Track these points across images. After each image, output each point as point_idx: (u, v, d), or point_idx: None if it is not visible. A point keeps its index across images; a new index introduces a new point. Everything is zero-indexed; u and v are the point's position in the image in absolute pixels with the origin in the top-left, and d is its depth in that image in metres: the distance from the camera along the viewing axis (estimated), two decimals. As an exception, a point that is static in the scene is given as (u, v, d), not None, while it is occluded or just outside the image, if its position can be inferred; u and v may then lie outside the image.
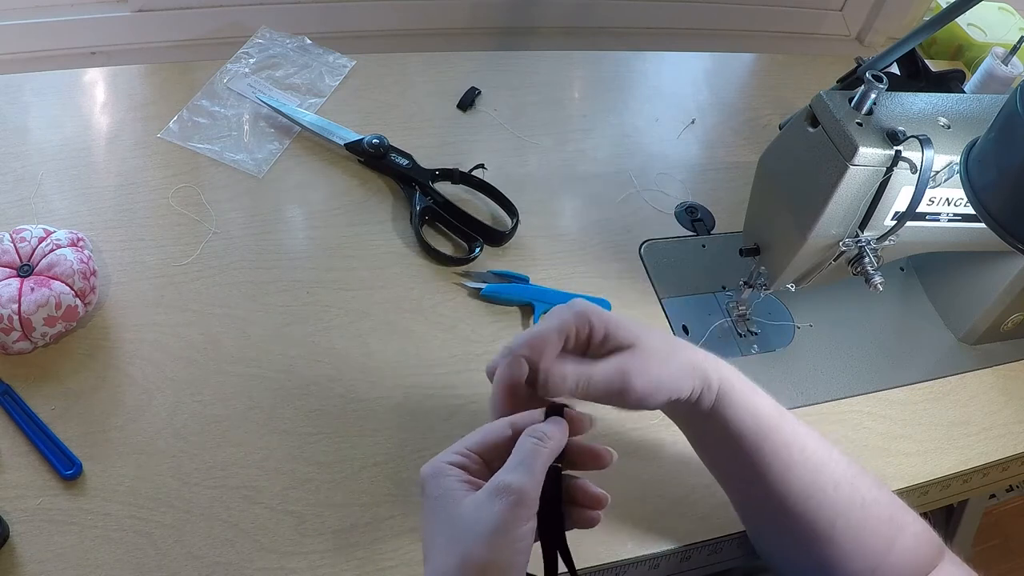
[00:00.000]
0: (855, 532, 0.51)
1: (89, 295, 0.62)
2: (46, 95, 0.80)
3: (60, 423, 0.57)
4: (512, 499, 0.40)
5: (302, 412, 0.62)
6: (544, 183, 0.83)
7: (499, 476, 0.41)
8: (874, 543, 0.52)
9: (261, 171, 0.77)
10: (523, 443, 0.43)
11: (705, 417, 0.50)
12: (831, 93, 0.59)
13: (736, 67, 1.05)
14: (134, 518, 0.54)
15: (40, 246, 0.62)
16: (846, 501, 0.51)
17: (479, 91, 0.89)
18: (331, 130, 0.80)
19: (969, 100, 0.63)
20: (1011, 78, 0.90)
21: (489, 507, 0.40)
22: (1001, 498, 1.33)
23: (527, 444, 0.43)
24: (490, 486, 0.41)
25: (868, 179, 0.58)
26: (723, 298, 0.76)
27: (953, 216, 0.63)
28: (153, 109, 0.80)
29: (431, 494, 0.43)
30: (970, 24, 1.12)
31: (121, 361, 0.62)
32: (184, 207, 0.73)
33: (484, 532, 0.39)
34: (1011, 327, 0.75)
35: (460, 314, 0.70)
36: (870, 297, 0.68)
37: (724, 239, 0.81)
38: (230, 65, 0.87)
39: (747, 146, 0.92)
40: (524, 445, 0.43)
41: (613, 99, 0.95)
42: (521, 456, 0.42)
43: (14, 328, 0.58)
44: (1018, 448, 0.70)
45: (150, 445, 0.58)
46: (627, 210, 0.82)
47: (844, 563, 0.52)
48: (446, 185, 0.79)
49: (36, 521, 0.53)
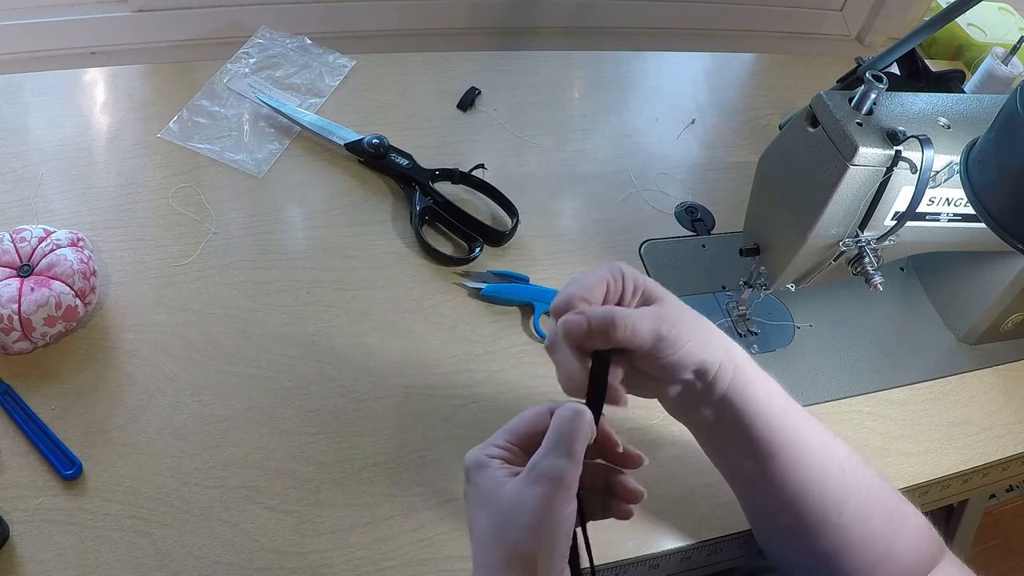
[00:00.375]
0: (863, 518, 0.51)
1: (89, 295, 0.62)
2: (46, 95, 0.80)
3: (60, 423, 0.57)
4: (553, 484, 0.40)
5: (302, 412, 0.62)
6: (544, 183, 0.83)
7: (537, 459, 0.41)
8: (881, 531, 0.52)
9: (261, 171, 0.77)
10: (560, 421, 0.42)
11: (718, 401, 0.50)
12: (831, 93, 0.59)
13: (736, 67, 1.05)
14: (134, 518, 0.54)
15: (40, 246, 0.62)
16: (855, 485, 0.51)
17: (479, 91, 0.89)
18: (331, 130, 0.80)
19: (969, 100, 0.63)
20: (1011, 78, 0.90)
21: (531, 494, 0.40)
22: (1001, 498, 1.33)
23: (565, 422, 0.42)
24: (529, 471, 0.41)
25: (868, 179, 0.58)
26: (723, 298, 0.76)
27: (953, 216, 0.63)
28: (153, 109, 0.80)
29: (475, 483, 0.43)
30: (970, 24, 1.12)
31: (121, 361, 0.62)
32: (184, 207, 0.73)
33: (528, 522, 0.39)
34: (1011, 327, 0.75)
35: (460, 314, 0.70)
36: (870, 297, 0.68)
37: (724, 239, 0.81)
38: (230, 65, 0.87)
39: (747, 146, 0.92)
40: (562, 423, 0.42)
41: (613, 99, 0.95)
42: (558, 436, 0.42)
43: (14, 328, 0.58)
44: (1018, 448, 0.70)
45: (150, 445, 0.58)
46: (627, 210, 0.82)
47: (852, 553, 0.52)
48: (446, 185, 0.79)
49: (36, 521, 0.53)
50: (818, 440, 0.52)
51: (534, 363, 0.68)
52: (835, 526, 0.51)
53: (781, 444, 0.50)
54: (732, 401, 0.50)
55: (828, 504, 0.51)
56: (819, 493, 0.51)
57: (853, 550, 0.52)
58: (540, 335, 0.69)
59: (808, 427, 0.52)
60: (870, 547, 0.52)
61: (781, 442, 0.50)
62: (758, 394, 0.50)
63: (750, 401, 0.50)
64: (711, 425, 0.52)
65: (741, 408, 0.50)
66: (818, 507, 0.51)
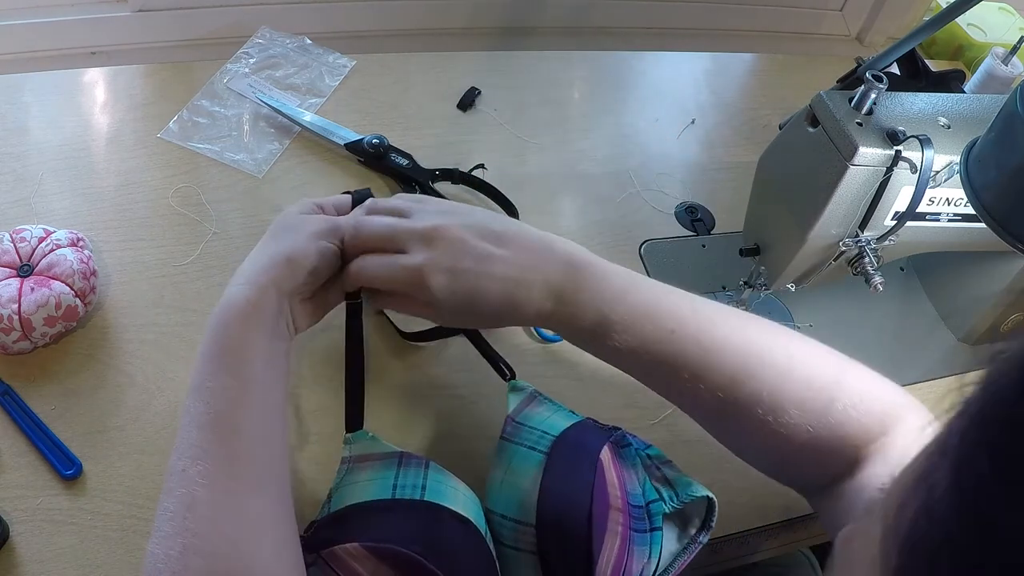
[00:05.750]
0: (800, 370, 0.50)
1: (89, 295, 0.62)
2: (46, 95, 0.80)
3: (60, 423, 0.57)
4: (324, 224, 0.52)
5: (302, 412, 0.62)
6: (544, 183, 0.83)
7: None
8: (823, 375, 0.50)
9: (261, 171, 0.77)
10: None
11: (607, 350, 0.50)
12: (831, 93, 0.59)
13: (736, 67, 1.05)
14: (134, 518, 0.54)
15: (40, 246, 0.62)
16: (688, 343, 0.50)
17: (479, 91, 0.89)
18: (331, 130, 0.80)
19: (969, 100, 0.63)
20: (1011, 78, 0.90)
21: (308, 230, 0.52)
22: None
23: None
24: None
25: (868, 179, 0.58)
26: (723, 298, 0.76)
27: (953, 216, 0.63)
28: (153, 109, 0.80)
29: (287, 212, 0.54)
30: (970, 24, 1.12)
31: (121, 361, 0.62)
32: (184, 207, 0.73)
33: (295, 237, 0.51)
34: (1011, 327, 0.75)
35: (460, 314, 0.70)
36: (870, 297, 0.68)
37: (724, 239, 0.81)
38: (230, 65, 0.87)
39: (747, 146, 0.92)
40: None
41: (613, 99, 0.95)
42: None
43: (14, 328, 0.58)
44: (1018, 448, 0.70)
45: (150, 445, 0.58)
46: (627, 210, 0.82)
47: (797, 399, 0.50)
48: (446, 185, 0.79)
49: (36, 521, 0.53)
50: (728, 335, 0.50)
51: (534, 363, 0.68)
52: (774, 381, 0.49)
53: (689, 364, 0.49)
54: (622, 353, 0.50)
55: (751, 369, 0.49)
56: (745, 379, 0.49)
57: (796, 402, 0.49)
58: (540, 335, 0.69)
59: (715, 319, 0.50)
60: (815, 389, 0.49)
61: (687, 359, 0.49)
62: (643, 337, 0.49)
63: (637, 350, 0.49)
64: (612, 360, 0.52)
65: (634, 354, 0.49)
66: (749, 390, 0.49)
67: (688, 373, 0.49)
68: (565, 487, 0.50)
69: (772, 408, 0.49)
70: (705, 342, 0.49)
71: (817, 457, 0.50)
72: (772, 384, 0.49)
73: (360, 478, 0.50)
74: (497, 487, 0.52)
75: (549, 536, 0.48)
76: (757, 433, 0.50)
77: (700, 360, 0.49)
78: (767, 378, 0.49)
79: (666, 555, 0.53)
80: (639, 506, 0.52)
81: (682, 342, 0.49)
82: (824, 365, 0.51)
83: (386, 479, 0.49)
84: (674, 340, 0.49)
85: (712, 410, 0.51)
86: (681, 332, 0.49)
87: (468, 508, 0.49)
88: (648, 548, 0.50)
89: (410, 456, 0.52)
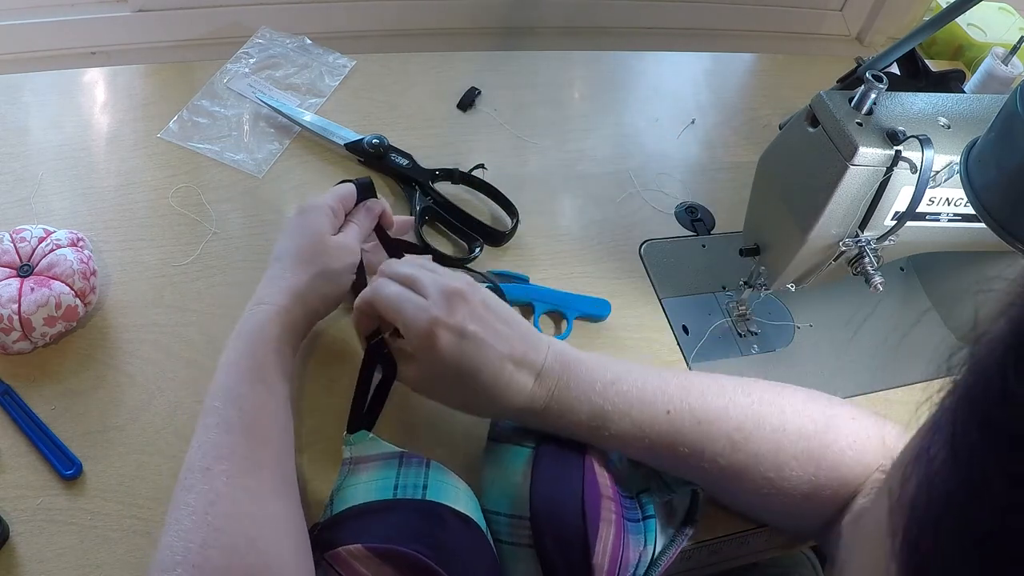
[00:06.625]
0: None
1: (89, 295, 0.62)
2: (46, 95, 0.80)
3: (60, 423, 0.57)
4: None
5: (301, 412, 0.62)
6: (544, 183, 0.82)
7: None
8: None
9: (261, 171, 0.77)
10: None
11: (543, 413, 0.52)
12: (831, 93, 0.59)
13: (736, 67, 1.05)
14: (134, 518, 0.54)
15: (40, 246, 0.62)
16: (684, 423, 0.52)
17: (479, 91, 0.89)
18: (331, 130, 0.80)
19: (969, 100, 0.63)
20: (1011, 78, 0.90)
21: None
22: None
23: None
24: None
25: (868, 179, 0.58)
26: (723, 298, 0.76)
27: (953, 216, 0.63)
28: (153, 109, 0.80)
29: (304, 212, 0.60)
30: (970, 24, 1.12)
31: (121, 361, 0.62)
32: (184, 207, 0.73)
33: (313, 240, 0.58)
34: (1011, 327, 0.75)
35: (460, 314, 0.70)
36: (870, 297, 0.68)
37: (724, 239, 0.81)
38: (230, 65, 0.87)
39: (747, 146, 0.92)
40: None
41: (613, 99, 0.95)
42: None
43: (14, 328, 0.58)
44: (1018, 448, 0.70)
45: (150, 445, 0.58)
46: (627, 210, 0.82)
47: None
48: (446, 185, 0.79)
49: (36, 521, 0.53)
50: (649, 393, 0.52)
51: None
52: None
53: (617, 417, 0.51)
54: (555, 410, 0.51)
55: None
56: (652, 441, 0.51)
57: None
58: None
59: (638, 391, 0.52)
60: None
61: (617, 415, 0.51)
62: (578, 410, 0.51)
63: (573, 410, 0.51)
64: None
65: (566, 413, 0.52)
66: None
67: (688, 448, 0.51)
68: (556, 478, 0.50)
69: (774, 465, 0.51)
70: (699, 415, 0.51)
71: (820, 501, 0.52)
72: (769, 442, 0.51)
73: (361, 479, 0.50)
74: (489, 486, 0.53)
75: (544, 528, 0.49)
76: (761, 491, 0.52)
77: (697, 433, 0.51)
78: (764, 438, 0.51)
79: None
80: (630, 496, 0.53)
81: (678, 421, 0.51)
82: (813, 412, 0.53)
83: (387, 479, 0.50)
84: (671, 420, 0.51)
85: (715, 475, 0.53)
86: (676, 411, 0.51)
87: (469, 507, 0.50)
88: (643, 536, 0.51)
89: (410, 456, 0.52)
